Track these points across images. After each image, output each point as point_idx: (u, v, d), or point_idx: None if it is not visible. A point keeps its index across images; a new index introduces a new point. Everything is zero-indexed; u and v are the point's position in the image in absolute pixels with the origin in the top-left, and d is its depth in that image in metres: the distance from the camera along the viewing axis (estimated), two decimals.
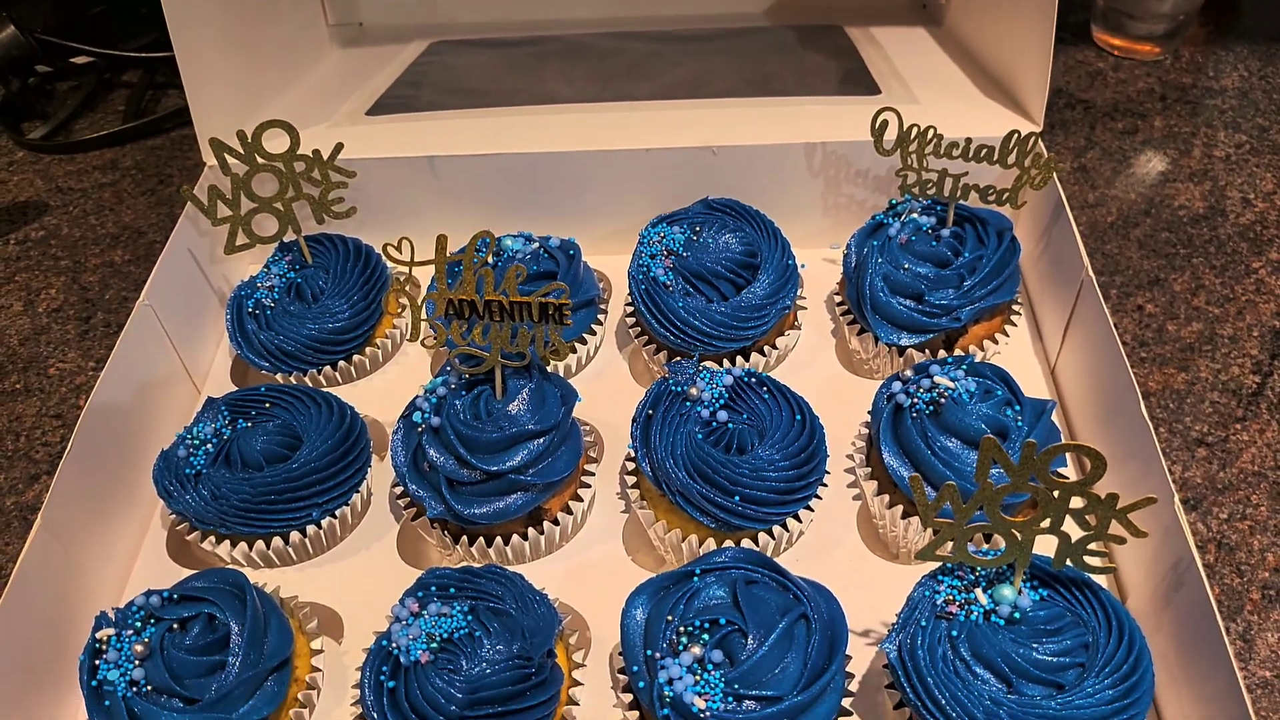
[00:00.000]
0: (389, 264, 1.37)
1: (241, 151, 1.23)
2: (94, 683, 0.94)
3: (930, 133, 1.23)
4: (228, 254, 1.28)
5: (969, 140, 1.22)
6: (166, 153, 1.83)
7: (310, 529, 1.12)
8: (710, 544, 1.07)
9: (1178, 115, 1.73)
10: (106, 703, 0.93)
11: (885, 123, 1.25)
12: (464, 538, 1.10)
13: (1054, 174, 1.24)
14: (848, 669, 0.97)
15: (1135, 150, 1.67)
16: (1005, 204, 1.24)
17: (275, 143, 1.23)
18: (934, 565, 0.99)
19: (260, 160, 1.24)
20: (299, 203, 1.29)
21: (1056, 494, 0.87)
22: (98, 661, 0.95)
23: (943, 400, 1.07)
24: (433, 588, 0.98)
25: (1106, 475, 0.84)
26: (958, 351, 1.24)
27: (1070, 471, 1.18)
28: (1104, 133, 1.70)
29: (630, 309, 1.31)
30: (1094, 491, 0.86)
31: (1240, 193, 1.57)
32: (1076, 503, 0.87)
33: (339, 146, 1.28)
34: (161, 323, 1.26)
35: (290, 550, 1.13)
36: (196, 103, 1.35)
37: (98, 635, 0.96)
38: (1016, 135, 1.21)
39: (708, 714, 0.87)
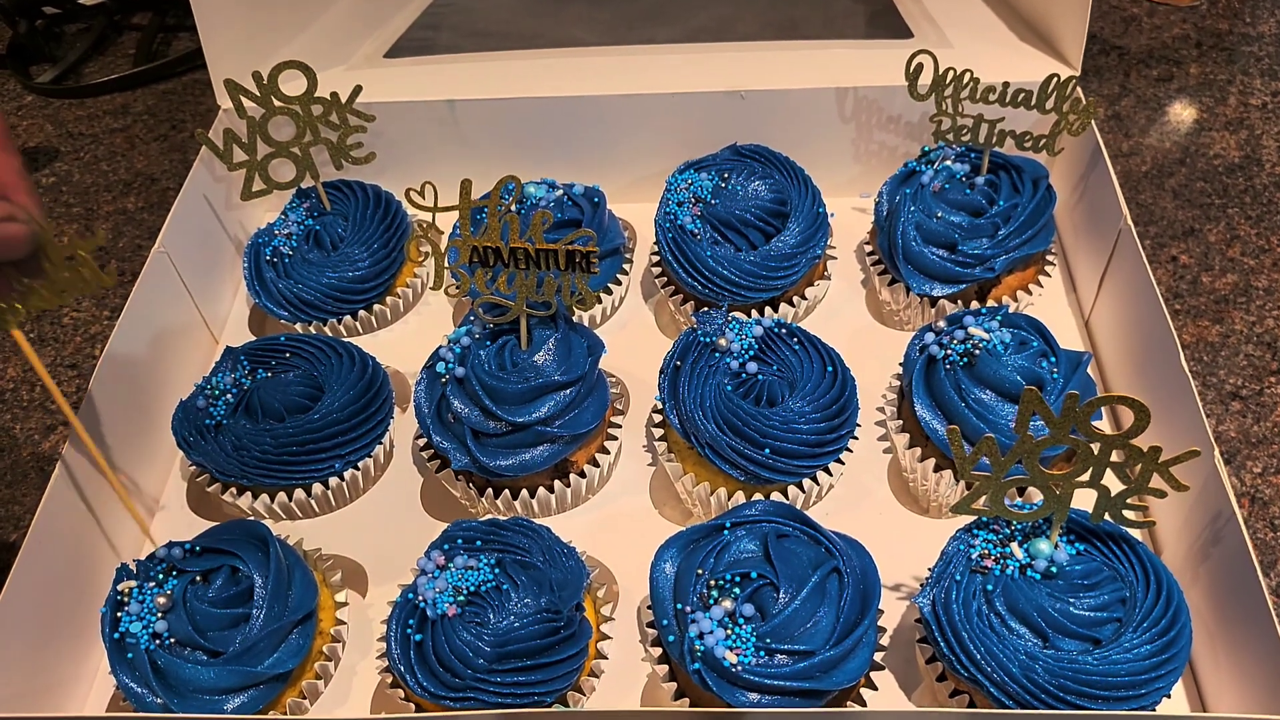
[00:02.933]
0: (410, 211, 1.35)
1: (257, 93, 1.20)
2: (116, 635, 0.93)
3: (966, 76, 1.19)
4: (244, 200, 1.26)
5: (1006, 85, 1.19)
6: (179, 97, 1.80)
7: (333, 480, 1.11)
8: (739, 497, 1.05)
9: (1214, 62, 1.69)
10: (129, 655, 0.92)
11: (920, 66, 1.21)
12: (489, 490, 1.09)
13: (1092, 120, 1.21)
14: (880, 623, 0.96)
15: (1170, 98, 1.63)
16: (1042, 150, 1.21)
17: (291, 85, 1.20)
18: (967, 519, 0.98)
19: (276, 103, 1.21)
20: (317, 147, 1.26)
21: (1097, 447, 0.85)
22: (120, 614, 0.94)
23: (977, 352, 1.04)
24: (458, 540, 0.97)
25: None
26: (990, 302, 1.22)
27: (1104, 425, 1.16)
28: (1138, 80, 1.67)
29: (656, 258, 1.29)
30: (1136, 444, 0.84)
31: (1277, 141, 1.54)
32: (1116, 456, 0.85)
33: (357, 89, 1.25)
34: (177, 270, 1.24)
35: (313, 502, 1.12)
36: (210, 43, 1.32)
37: (119, 587, 0.95)
38: (1055, 79, 1.18)
39: (739, 668, 0.86)
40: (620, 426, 1.15)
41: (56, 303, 0.93)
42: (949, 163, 1.24)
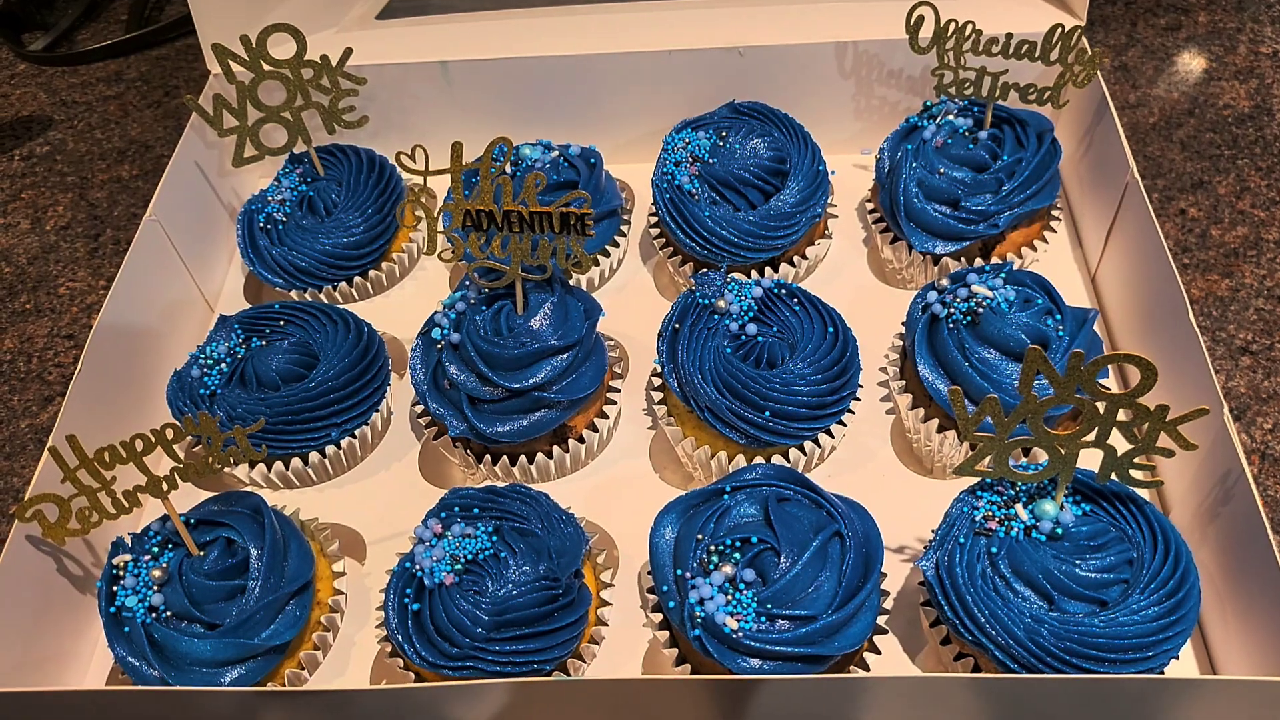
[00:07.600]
0: (403, 175, 1.33)
1: (246, 57, 1.18)
2: (112, 609, 0.92)
3: (969, 28, 1.17)
4: (236, 166, 1.24)
5: (1009, 36, 1.16)
6: (172, 63, 1.77)
7: (330, 449, 1.10)
8: (740, 460, 1.04)
9: (1223, 10, 1.65)
10: (126, 629, 0.92)
11: (921, 18, 1.19)
12: (487, 457, 1.08)
13: (1098, 71, 1.18)
14: (883, 586, 0.94)
15: (1178, 47, 1.60)
16: (1046, 103, 1.18)
17: (281, 49, 1.18)
18: (971, 480, 0.96)
19: (266, 67, 1.19)
20: (308, 112, 1.24)
21: (1103, 406, 0.83)
22: (115, 588, 0.93)
23: (980, 310, 1.02)
24: (456, 508, 0.96)
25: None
26: (994, 259, 1.19)
27: (1110, 382, 1.14)
28: (1146, 29, 1.63)
29: (654, 219, 1.27)
30: (1143, 403, 0.82)
31: None
32: (1123, 415, 0.84)
33: (348, 51, 1.22)
34: (170, 238, 1.22)
35: (310, 471, 1.11)
36: (199, 7, 1.30)
37: (115, 561, 0.94)
38: (1060, 29, 1.15)
39: (740, 634, 0.85)
40: (619, 390, 1.14)
41: (210, 474, 0.95)
42: (951, 117, 1.21)
